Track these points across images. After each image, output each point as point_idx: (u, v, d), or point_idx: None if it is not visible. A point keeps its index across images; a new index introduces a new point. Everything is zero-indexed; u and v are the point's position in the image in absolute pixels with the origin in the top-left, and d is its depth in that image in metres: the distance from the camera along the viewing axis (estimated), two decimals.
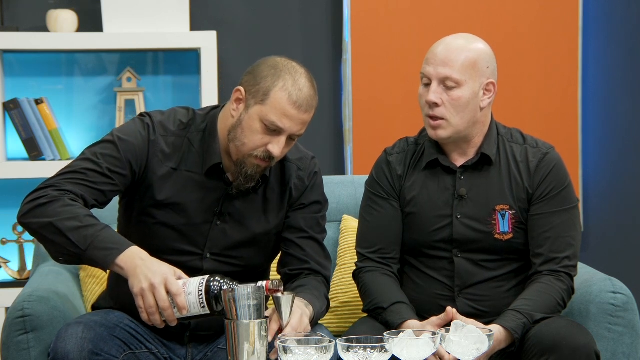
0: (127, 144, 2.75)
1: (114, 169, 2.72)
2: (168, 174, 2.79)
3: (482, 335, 2.48)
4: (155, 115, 2.82)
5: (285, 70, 2.71)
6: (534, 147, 3.00)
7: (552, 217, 2.94)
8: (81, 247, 2.59)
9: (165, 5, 4.15)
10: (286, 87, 2.69)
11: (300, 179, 2.89)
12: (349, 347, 2.37)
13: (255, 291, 2.52)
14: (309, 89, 2.72)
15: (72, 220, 2.60)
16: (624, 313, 2.96)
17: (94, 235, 2.59)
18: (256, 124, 2.70)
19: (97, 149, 2.74)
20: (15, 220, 4.08)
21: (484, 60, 2.93)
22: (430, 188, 3.00)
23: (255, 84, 2.71)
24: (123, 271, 2.57)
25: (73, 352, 2.61)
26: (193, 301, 2.55)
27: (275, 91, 2.69)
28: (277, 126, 2.69)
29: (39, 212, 2.63)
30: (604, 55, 4.51)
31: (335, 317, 3.30)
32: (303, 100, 2.70)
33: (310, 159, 2.93)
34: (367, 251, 3.02)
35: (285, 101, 2.68)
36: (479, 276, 2.96)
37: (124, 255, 2.57)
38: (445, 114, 2.91)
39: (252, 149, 2.71)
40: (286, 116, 2.68)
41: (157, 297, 2.53)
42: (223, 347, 2.82)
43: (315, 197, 2.91)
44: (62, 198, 2.64)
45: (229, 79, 4.34)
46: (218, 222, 2.82)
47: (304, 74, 2.73)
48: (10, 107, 4.16)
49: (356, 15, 4.33)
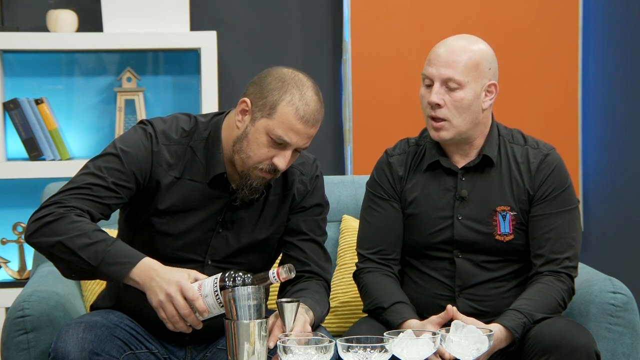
0: (130, 156, 2.72)
1: (120, 182, 2.70)
2: (171, 183, 2.77)
3: (482, 335, 2.47)
4: (157, 124, 2.79)
5: (292, 84, 2.69)
6: (534, 148, 3.00)
7: (552, 218, 2.94)
8: (93, 263, 2.57)
9: (165, 5, 4.15)
10: (293, 102, 2.66)
11: (303, 183, 2.88)
12: (349, 347, 2.37)
13: (255, 291, 2.52)
14: (315, 102, 2.70)
15: (82, 237, 2.58)
16: (624, 313, 2.96)
17: (105, 251, 2.57)
18: (262, 137, 2.68)
19: (100, 163, 2.72)
20: (15, 220, 4.09)
21: (487, 61, 2.93)
22: (431, 189, 3.00)
23: (261, 97, 2.69)
24: (138, 285, 2.57)
25: (73, 352, 2.61)
26: (211, 302, 2.54)
27: (282, 105, 2.66)
28: (283, 140, 2.67)
29: (47, 230, 2.61)
30: (604, 55, 4.51)
31: (335, 317, 3.30)
32: (310, 114, 2.68)
33: (312, 162, 2.92)
34: (368, 252, 3.02)
35: (293, 116, 2.66)
36: (480, 277, 2.96)
37: (137, 269, 2.57)
38: (447, 115, 2.91)
39: (258, 162, 2.69)
40: (293, 131, 2.66)
41: (176, 305, 2.53)
42: (222, 348, 2.82)
43: (316, 200, 2.90)
44: (69, 215, 2.61)
45: (229, 79, 4.34)
46: (220, 230, 2.81)
47: (311, 87, 2.70)
48: (10, 107, 4.16)
49: (356, 15, 4.33)
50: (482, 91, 2.92)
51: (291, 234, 2.87)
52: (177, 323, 2.55)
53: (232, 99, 4.34)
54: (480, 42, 2.95)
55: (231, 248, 2.82)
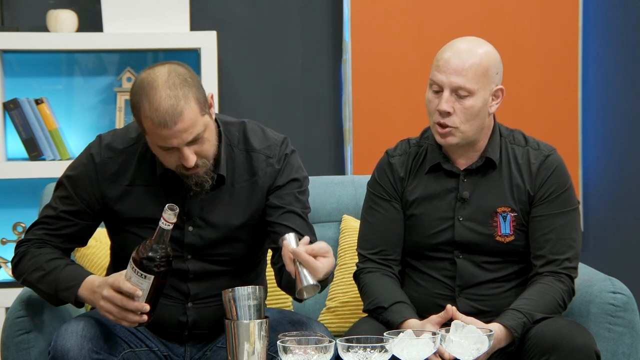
0: (73, 179, 2.81)
1: (69, 208, 2.81)
2: (125, 193, 2.80)
3: (482, 335, 2.48)
4: (105, 138, 2.84)
5: (142, 94, 2.63)
6: (535, 149, 3.00)
7: (553, 219, 2.94)
8: (51, 292, 2.74)
9: (165, 5, 4.15)
10: (146, 114, 2.62)
11: (271, 165, 2.83)
12: (349, 347, 2.37)
13: (255, 291, 2.53)
14: (165, 99, 2.60)
15: (37, 270, 2.75)
16: (624, 313, 2.96)
17: (56, 279, 2.73)
18: (156, 149, 2.70)
19: (55, 194, 2.85)
20: (15, 220, 4.09)
21: (494, 66, 2.92)
22: (433, 191, 3.00)
23: (134, 115, 2.69)
24: (88, 302, 2.70)
25: (73, 350, 2.62)
26: (135, 279, 2.57)
27: (143, 121, 2.64)
28: (167, 147, 2.66)
29: (17, 271, 2.81)
30: (604, 55, 4.51)
31: (335, 317, 3.30)
32: (163, 117, 2.60)
33: (279, 144, 2.86)
34: (369, 252, 3.02)
35: (153, 127, 2.62)
36: (481, 277, 2.96)
37: (82, 289, 2.69)
38: (455, 122, 2.90)
39: (172, 167, 2.71)
40: (165, 137, 2.63)
41: (112, 300, 2.59)
42: (222, 346, 2.82)
43: (291, 175, 2.85)
44: (29, 251, 2.79)
45: (229, 79, 4.34)
46: (190, 227, 2.80)
47: (159, 86, 2.61)
48: (10, 107, 4.16)
49: (356, 15, 4.33)
50: (489, 96, 2.92)
51: (270, 212, 2.82)
52: (126, 316, 2.59)
53: (232, 99, 4.36)
54: (486, 45, 2.94)
55: (207, 242, 2.81)
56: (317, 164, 4.40)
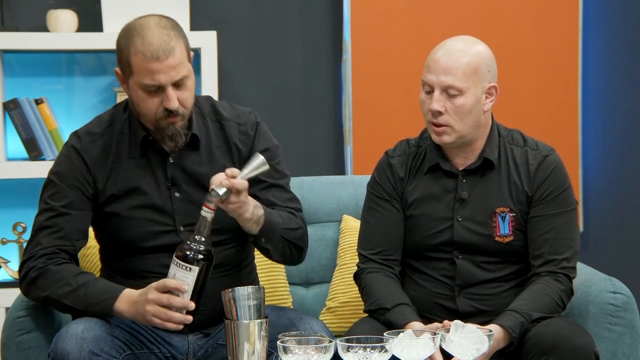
0: (59, 174, 2.86)
1: (63, 202, 2.83)
2: (112, 169, 2.86)
3: (482, 335, 2.48)
4: (81, 129, 2.93)
5: (134, 34, 2.76)
6: (534, 149, 3.00)
7: (551, 219, 2.94)
8: (80, 308, 2.74)
9: (165, 5, 4.15)
10: (138, 49, 2.73)
11: (244, 132, 2.92)
12: (349, 347, 2.38)
13: (255, 291, 2.53)
14: (158, 37, 2.74)
15: (63, 286, 2.75)
16: (624, 313, 2.96)
17: (87, 294, 2.73)
18: (139, 93, 2.77)
19: (44, 197, 2.87)
20: (15, 220, 4.09)
21: (485, 64, 2.92)
22: (432, 191, 3.00)
23: (120, 60, 2.79)
24: (126, 315, 2.71)
25: (73, 352, 2.62)
26: (180, 275, 2.59)
27: (132, 58, 2.74)
28: (154, 85, 2.73)
29: (34, 288, 2.79)
30: (604, 55, 4.51)
31: (335, 317, 3.30)
32: (156, 50, 2.72)
33: (248, 113, 2.96)
34: (369, 252, 3.03)
35: (143, 61, 2.73)
36: (480, 277, 2.96)
37: (119, 302, 2.70)
38: (449, 121, 2.90)
39: (153, 114, 2.77)
40: (153, 72, 2.72)
41: (158, 302, 2.61)
42: (222, 343, 2.82)
43: (263, 145, 2.92)
44: (47, 267, 2.78)
45: (229, 78, 4.34)
46: (176, 193, 2.85)
47: (152, 26, 2.76)
48: (10, 107, 4.16)
49: (356, 15, 4.33)
50: (482, 94, 2.92)
51: (251, 186, 2.81)
52: (172, 317, 2.61)
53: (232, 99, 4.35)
54: (478, 44, 2.95)
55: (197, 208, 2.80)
56: (317, 164, 4.40)
